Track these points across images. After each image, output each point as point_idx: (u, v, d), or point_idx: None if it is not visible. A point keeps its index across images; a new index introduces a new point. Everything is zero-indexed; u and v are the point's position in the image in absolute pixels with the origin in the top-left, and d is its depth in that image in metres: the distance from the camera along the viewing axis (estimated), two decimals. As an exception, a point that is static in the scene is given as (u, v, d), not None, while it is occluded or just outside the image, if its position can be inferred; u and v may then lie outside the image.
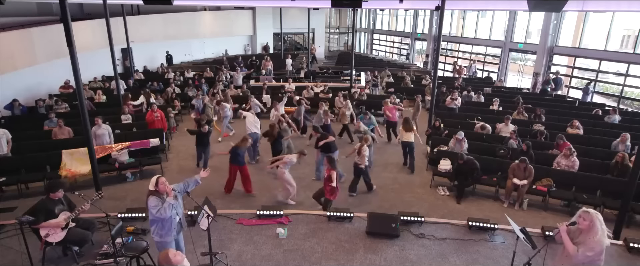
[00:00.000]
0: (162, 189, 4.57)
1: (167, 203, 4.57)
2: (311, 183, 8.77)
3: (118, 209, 6.81)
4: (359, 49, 33.23)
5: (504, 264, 5.70)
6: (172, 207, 4.62)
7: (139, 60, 21.02)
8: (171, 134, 11.94)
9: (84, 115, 7.28)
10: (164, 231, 4.70)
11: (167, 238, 4.74)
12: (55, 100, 13.04)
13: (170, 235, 4.75)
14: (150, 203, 4.56)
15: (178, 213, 4.79)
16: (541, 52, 17.80)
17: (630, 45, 15.54)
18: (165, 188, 4.59)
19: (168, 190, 4.61)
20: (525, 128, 10.88)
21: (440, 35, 11.26)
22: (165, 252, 3.43)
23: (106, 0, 12.50)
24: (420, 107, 13.08)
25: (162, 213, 4.53)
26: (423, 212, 7.20)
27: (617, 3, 12.52)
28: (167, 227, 4.70)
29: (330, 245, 6.11)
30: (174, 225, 4.75)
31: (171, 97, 14.29)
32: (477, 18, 22.16)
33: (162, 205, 4.54)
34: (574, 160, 8.19)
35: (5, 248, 5.83)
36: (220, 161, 9.75)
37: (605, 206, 7.34)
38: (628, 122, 11.67)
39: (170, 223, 4.70)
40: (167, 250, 3.48)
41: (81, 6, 20.63)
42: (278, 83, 17.20)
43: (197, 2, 22.04)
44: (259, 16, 26.57)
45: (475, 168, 8.05)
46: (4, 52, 12.20)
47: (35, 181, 8.45)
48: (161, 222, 4.66)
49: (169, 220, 4.67)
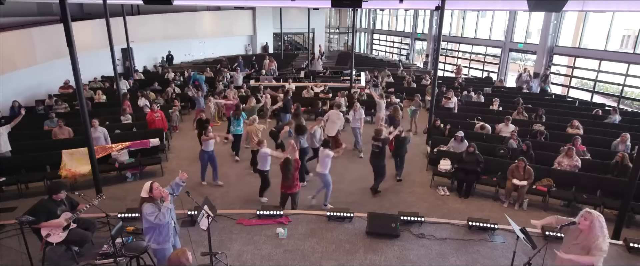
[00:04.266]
0: (157, 194, 4.47)
1: (165, 208, 4.47)
2: (311, 182, 8.76)
3: (118, 209, 6.80)
4: (359, 49, 33.24)
5: (504, 264, 5.69)
6: (169, 212, 4.52)
7: (139, 60, 21.05)
8: (171, 134, 11.94)
9: (84, 115, 7.28)
10: (162, 238, 4.60)
11: (166, 245, 4.64)
12: (55, 100, 13.04)
13: (168, 242, 4.65)
14: (146, 210, 4.44)
15: (172, 217, 4.72)
16: (541, 52, 17.80)
17: (630, 45, 15.54)
18: (160, 193, 4.49)
19: (164, 195, 4.50)
20: (525, 128, 10.88)
21: (440, 35, 11.26)
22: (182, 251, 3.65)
23: (106, 0, 12.50)
24: (420, 105, 13.07)
25: (160, 219, 4.43)
26: (423, 212, 7.19)
27: (617, 3, 12.52)
28: (165, 233, 4.60)
29: (330, 245, 6.11)
30: (170, 230, 4.66)
31: (171, 97, 14.30)
32: (477, 18, 22.17)
33: (159, 211, 4.44)
34: (577, 159, 8.20)
35: (5, 248, 5.82)
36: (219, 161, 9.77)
37: (605, 206, 7.34)
38: (628, 122, 11.67)
39: (167, 229, 4.60)
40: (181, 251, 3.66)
41: (81, 6, 20.63)
42: (278, 83, 17.18)
43: (197, 2, 22.04)
44: (259, 16, 26.57)
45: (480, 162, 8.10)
46: (4, 52, 12.19)
47: (35, 181, 8.45)
48: (158, 229, 4.55)
49: (166, 225, 4.56)
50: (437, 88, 12.90)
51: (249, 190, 8.38)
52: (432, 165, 9.29)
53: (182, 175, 4.93)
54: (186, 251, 3.69)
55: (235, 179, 9.02)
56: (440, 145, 9.74)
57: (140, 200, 4.53)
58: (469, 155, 8.23)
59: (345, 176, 9.19)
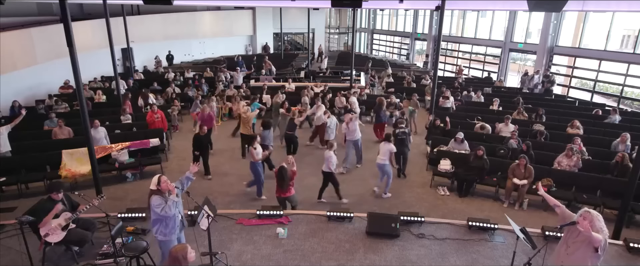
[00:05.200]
0: (165, 187, 4.61)
1: (171, 201, 4.62)
2: (310, 183, 8.74)
3: (118, 209, 6.80)
4: (359, 49, 33.24)
5: (504, 264, 5.69)
6: (175, 205, 4.67)
7: (139, 60, 21.05)
8: (171, 134, 11.94)
9: (84, 115, 7.28)
10: (168, 230, 4.75)
11: (171, 237, 4.79)
12: (55, 100, 13.04)
13: (173, 234, 4.80)
14: (153, 202, 4.60)
15: (180, 211, 4.84)
16: (541, 52, 17.80)
17: (630, 45, 15.54)
18: (167, 186, 4.63)
19: (171, 188, 4.65)
20: (525, 128, 10.88)
21: (440, 35, 11.26)
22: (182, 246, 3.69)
23: (106, 0, 12.50)
24: (418, 105, 13.07)
25: (166, 211, 4.58)
26: (423, 212, 7.20)
27: (617, 3, 12.52)
28: (171, 225, 4.75)
29: (330, 245, 6.11)
30: (177, 223, 4.81)
31: (171, 97, 14.30)
32: (477, 18, 22.17)
33: (165, 204, 4.59)
34: (577, 159, 8.19)
35: (5, 248, 5.83)
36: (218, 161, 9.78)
37: (605, 206, 7.35)
38: (628, 122, 11.67)
39: (173, 222, 4.76)
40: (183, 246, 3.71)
41: (81, 6, 20.64)
42: (278, 83, 17.18)
43: (197, 2, 22.04)
44: (259, 16, 26.57)
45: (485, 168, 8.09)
46: (4, 52, 12.20)
47: (35, 181, 8.45)
48: (165, 221, 4.71)
49: (173, 218, 4.72)
50: (437, 88, 12.89)
51: (249, 190, 8.38)
52: (432, 165, 9.29)
53: (193, 168, 5.08)
54: (186, 247, 3.71)
55: (235, 179, 9.02)
56: (440, 145, 9.74)
57: (149, 193, 4.67)
58: (477, 159, 8.13)
59: (345, 176, 9.19)
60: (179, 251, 3.63)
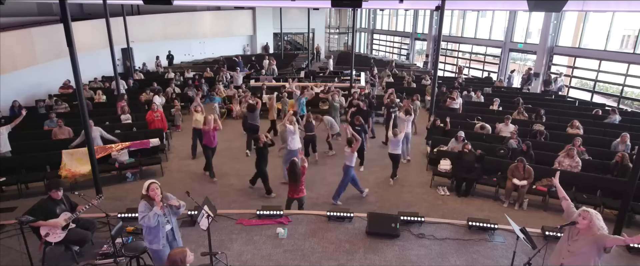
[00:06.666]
0: (152, 195, 4.45)
1: (153, 213, 4.42)
2: (310, 183, 8.74)
3: (118, 209, 6.81)
4: (359, 49, 33.24)
5: (504, 264, 5.69)
6: (156, 217, 4.45)
7: (139, 60, 21.06)
8: (171, 134, 11.94)
9: (84, 115, 7.28)
10: (151, 237, 4.58)
11: (155, 246, 4.61)
12: (55, 100, 13.04)
13: (157, 243, 4.60)
14: (139, 207, 4.48)
15: (170, 222, 4.67)
16: (541, 52, 17.79)
17: (630, 45, 15.54)
18: (155, 195, 4.44)
19: (157, 199, 4.44)
20: (525, 128, 10.87)
21: (440, 35, 11.26)
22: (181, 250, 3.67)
23: (106, 0, 12.50)
24: (419, 106, 13.06)
25: (145, 222, 4.42)
26: (423, 212, 7.20)
27: (617, 3, 12.51)
28: (154, 234, 4.56)
29: (330, 245, 6.11)
30: (162, 234, 4.60)
31: (171, 97, 14.29)
32: (477, 18, 22.17)
33: (147, 213, 4.42)
34: (578, 160, 8.19)
35: (5, 248, 5.83)
36: (218, 161, 9.78)
37: (605, 206, 7.34)
38: (628, 122, 11.66)
39: (157, 231, 4.56)
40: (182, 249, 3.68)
41: (81, 6, 20.64)
42: (278, 83, 17.18)
43: (197, 2, 22.04)
44: (259, 16, 26.57)
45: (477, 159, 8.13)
46: (4, 52, 12.20)
47: (35, 181, 8.45)
48: (148, 228, 4.55)
49: (155, 228, 4.53)
50: (437, 88, 12.88)
51: (250, 190, 8.37)
52: (432, 165, 9.29)
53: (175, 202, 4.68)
54: (185, 250, 3.67)
55: (235, 179, 9.02)
56: (440, 145, 9.74)
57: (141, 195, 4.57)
58: (467, 154, 8.25)
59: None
60: (177, 255, 3.59)
